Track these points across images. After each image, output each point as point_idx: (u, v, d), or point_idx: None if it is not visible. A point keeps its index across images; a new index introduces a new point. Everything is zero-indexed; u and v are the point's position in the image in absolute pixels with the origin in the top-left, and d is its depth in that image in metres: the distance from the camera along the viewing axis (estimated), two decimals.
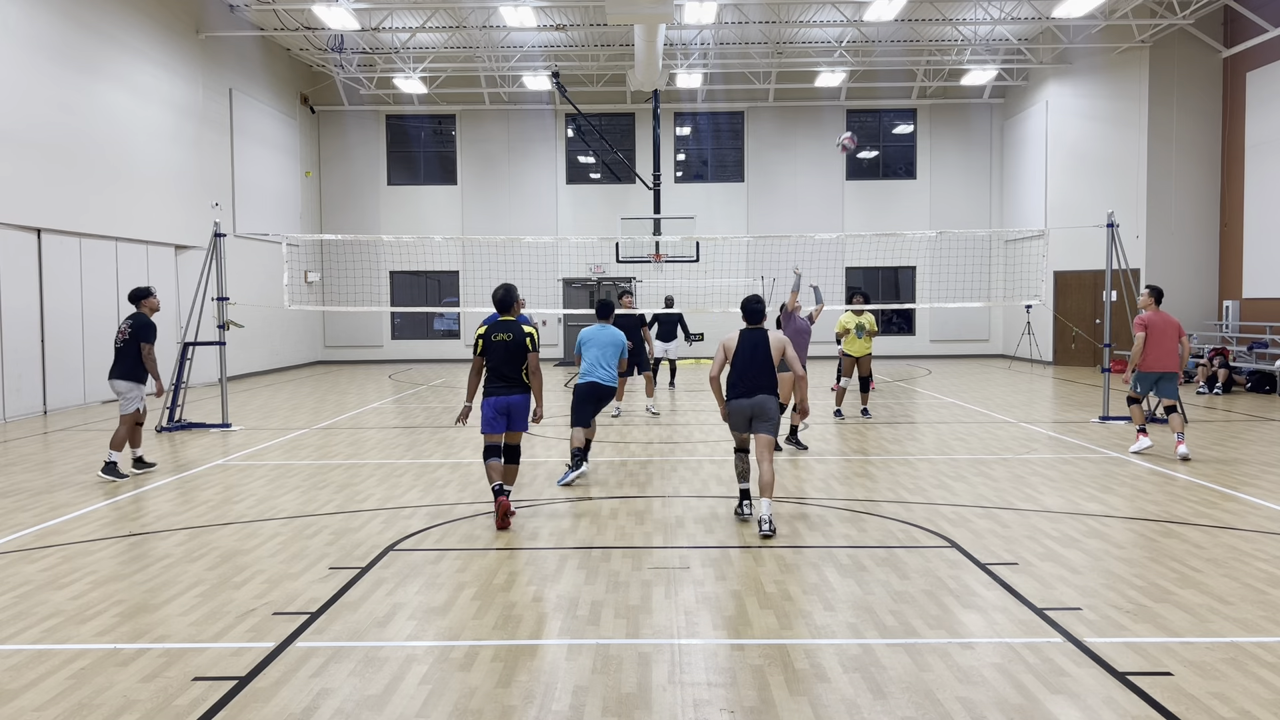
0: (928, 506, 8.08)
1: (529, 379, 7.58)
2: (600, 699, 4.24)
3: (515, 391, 7.52)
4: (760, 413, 7.38)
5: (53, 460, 10.87)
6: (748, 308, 7.69)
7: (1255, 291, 19.51)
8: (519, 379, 7.54)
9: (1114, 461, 10.22)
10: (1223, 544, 6.77)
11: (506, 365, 7.51)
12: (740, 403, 7.42)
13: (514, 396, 7.51)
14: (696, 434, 12.52)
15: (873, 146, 28.27)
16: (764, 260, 25.65)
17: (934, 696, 4.23)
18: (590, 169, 28.25)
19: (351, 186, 27.76)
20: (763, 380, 7.41)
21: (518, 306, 7.74)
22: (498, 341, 7.52)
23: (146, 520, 7.78)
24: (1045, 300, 15.07)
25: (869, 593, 5.70)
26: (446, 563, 6.44)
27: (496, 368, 7.52)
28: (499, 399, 7.48)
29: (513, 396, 7.50)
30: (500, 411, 7.50)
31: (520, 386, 7.55)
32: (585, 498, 8.54)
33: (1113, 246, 13.44)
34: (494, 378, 7.54)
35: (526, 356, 7.53)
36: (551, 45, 24.22)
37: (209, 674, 4.55)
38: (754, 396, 7.38)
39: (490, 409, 7.50)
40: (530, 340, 7.55)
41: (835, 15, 22.02)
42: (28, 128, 14.95)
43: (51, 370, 15.41)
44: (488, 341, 7.54)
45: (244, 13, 21.23)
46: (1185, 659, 4.64)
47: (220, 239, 13.56)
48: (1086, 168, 23.02)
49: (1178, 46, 20.85)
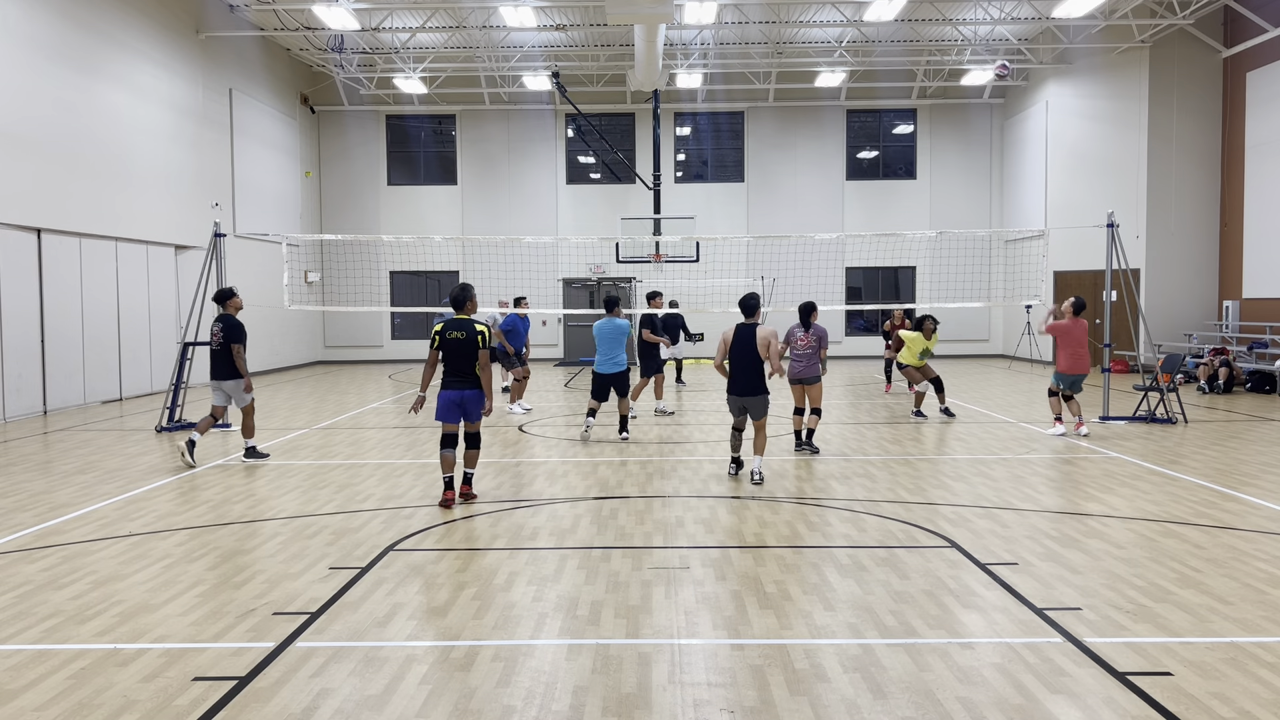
0: (928, 506, 8.08)
1: (480, 374, 8.12)
2: (600, 699, 4.24)
3: (469, 386, 8.11)
4: (752, 406, 9.15)
5: (53, 460, 10.87)
6: (743, 304, 9.19)
7: (1255, 291, 19.51)
8: (472, 374, 8.10)
9: (1114, 461, 10.22)
10: (1223, 544, 6.77)
11: (461, 361, 8.08)
12: (734, 398, 9.20)
13: (467, 391, 8.11)
14: (696, 434, 12.52)
15: (873, 146, 28.27)
16: (764, 260, 25.67)
17: (934, 696, 4.23)
18: (590, 169, 28.25)
19: (351, 186, 27.76)
20: (753, 382, 9.09)
21: (471, 306, 8.29)
22: (452, 339, 8.08)
23: (146, 520, 7.78)
24: (1045, 300, 15.06)
25: (869, 593, 5.70)
26: (446, 563, 6.44)
27: (452, 363, 8.10)
28: (454, 392, 8.10)
29: (466, 391, 8.10)
30: (455, 403, 8.11)
31: (473, 381, 8.12)
32: (585, 498, 8.54)
33: (1113, 246, 13.44)
34: (449, 372, 8.13)
35: (478, 353, 8.05)
36: (551, 45, 24.23)
37: (209, 674, 4.55)
38: (744, 396, 9.12)
39: (445, 401, 8.13)
40: (481, 338, 8.07)
41: (835, 15, 22.02)
42: (28, 128, 14.95)
43: (51, 370, 15.41)
44: (443, 339, 8.09)
45: (244, 13, 21.24)
46: (1185, 659, 4.64)
47: (220, 239, 13.56)
48: (1086, 168, 23.02)
49: (1178, 46, 20.84)
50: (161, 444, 11.95)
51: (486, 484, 9.18)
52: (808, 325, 11.17)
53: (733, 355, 9.11)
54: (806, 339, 11.14)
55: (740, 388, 9.09)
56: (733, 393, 9.15)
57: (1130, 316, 17.30)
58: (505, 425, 13.63)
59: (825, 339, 11.18)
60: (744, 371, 9.07)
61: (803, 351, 11.14)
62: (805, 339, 11.15)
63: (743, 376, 9.07)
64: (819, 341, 11.13)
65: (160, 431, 12.90)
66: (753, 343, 9.02)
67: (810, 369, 11.11)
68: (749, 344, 9.03)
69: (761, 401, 9.10)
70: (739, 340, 9.07)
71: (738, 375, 9.10)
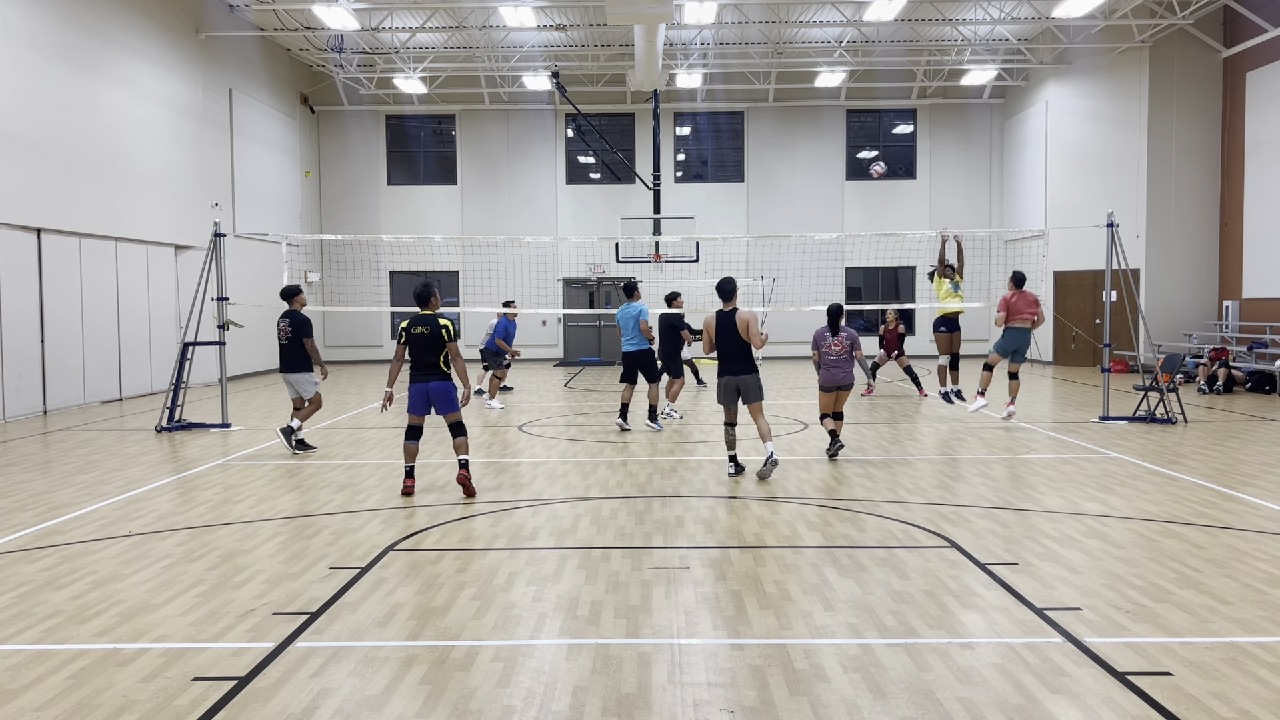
0: (928, 506, 8.08)
1: (450, 366, 8.62)
2: (600, 699, 4.24)
3: (434, 378, 8.56)
4: (745, 387, 9.22)
5: (53, 460, 10.87)
6: (722, 290, 9.31)
7: (1255, 291, 19.51)
8: (437, 367, 8.57)
9: (1114, 461, 10.22)
10: (1223, 544, 6.77)
11: (425, 355, 8.53)
12: (729, 379, 9.29)
13: (433, 383, 8.56)
14: (696, 434, 12.52)
15: (873, 146, 28.27)
16: (764, 260, 25.67)
17: (934, 696, 4.23)
18: (590, 169, 28.25)
19: (351, 186, 27.77)
20: (742, 364, 9.21)
21: (434, 303, 8.74)
22: (416, 334, 8.53)
23: (146, 520, 7.78)
24: (1045, 300, 15.04)
25: (869, 593, 5.70)
26: (446, 563, 6.44)
27: (417, 357, 8.54)
28: (420, 385, 8.57)
29: (431, 383, 8.55)
30: (422, 396, 8.56)
31: (439, 374, 8.58)
32: (585, 498, 8.54)
33: (1113, 246, 13.44)
34: (415, 366, 8.58)
35: (445, 346, 8.53)
36: (551, 45, 24.22)
37: (209, 674, 4.54)
38: (737, 376, 9.22)
39: (413, 393, 8.59)
40: (446, 331, 8.51)
41: (835, 15, 22.03)
42: (28, 128, 14.95)
43: (51, 370, 15.41)
44: (409, 334, 8.56)
45: (244, 13, 21.23)
46: (1185, 659, 4.64)
47: (220, 239, 13.55)
48: (1086, 168, 23.03)
49: (1178, 46, 20.85)
50: (162, 444, 11.95)
51: (486, 484, 9.19)
52: (836, 329, 10.55)
53: (719, 342, 9.30)
54: (840, 343, 10.53)
55: (733, 369, 9.26)
56: (725, 374, 9.30)
57: (1130, 316, 17.29)
58: (505, 425, 13.63)
59: (858, 342, 10.56)
60: (733, 355, 9.25)
61: (836, 357, 10.52)
62: (839, 343, 10.53)
63: (733, 359, 9.25)
64: (852, 345, 10.51)
65: (160, 431, 12.90)
66: (734, 327, 9.17)
67: (846, 375, 10.52)
68: (731, 329, 9.20)
69: (755, 381, 9.24)
70: (722, 327, 9.24)
71: (728, 358, 9.27)
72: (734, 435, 9.56)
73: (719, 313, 9.29)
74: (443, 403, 8.58)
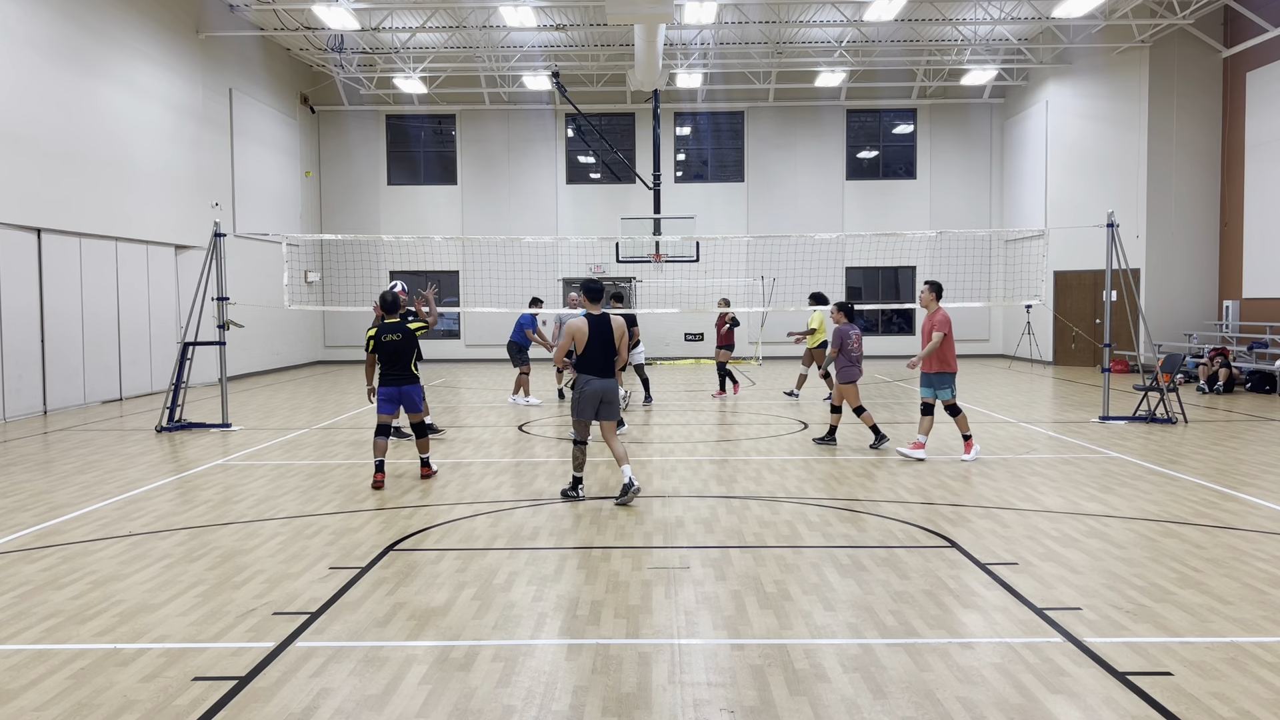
0: (928, 506, 8.08)
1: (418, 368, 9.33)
2: (600, 699, 4.24)
3: (405, 382, 9.13)
4: (609, 397, 8.32)
5: (53, 460, 10.87)
6: (589, 290, 8.36)
7: (1255, 291, 19.50)
8: (409, 370, 9.13)
9: (1114, 461, 10.22)
10: (1223, 544, 6.77)
11: (397, 359, 9.06)
12: (594, 385, 8.24)
13: (405, 386, 9.12)
14: (696, 434, 12.52)
15: (873, 146, 28.28)
16: (764, 260, 25.67)
17: (934, 696, 4.23)
18: (590, 169, 28.24)
19: (351, 186, 27.76)
20: (609, 373, 8.35)
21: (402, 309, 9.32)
22: (388, 341, 9.06)
23: (146, 520, 7.78)
24: (1045, 300, 15.05)
25: (869, 593, 5.70)
26: (446, 563, 6.43)
27: (390, 363, 9.06)
28: (392, 389, 9.07)
29: (403, 386, 9.11)
30: (393, 398, 9.07)
31: (410, 377, 9.14)
32: (585, 497, 8.53)
33: (1113, 246, 13.44)
34: (387, 370, 9.07)
35: (416, 349, 9.18)
36: (551, 45, 24.22)
37: (209, 674, 4.54)
38: (606, 379, 8.29)
39: (384, 395, 9.07)
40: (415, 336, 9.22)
41: (835, 15, 22.02)
42: (28, 127, 14.95)
43: (51, 370, 15.40)
44: (379, 342, 9.06)
45: (244, 13, 21.23)
46: (1185, 659, 4.64)
47: (220, 239, 13.55)
48: (1086, 168, 23.02)
49: (1178, 46, 20.84)
50: (162, 444, 11.95)
51: (486, 483, 9.19)
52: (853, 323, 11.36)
53: (589, 349, 8.21)
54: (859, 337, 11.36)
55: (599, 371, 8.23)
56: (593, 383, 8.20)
57: (1130, 316, 17.29)
58: (505, 425, 13.63)
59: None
60: (604, 364, 8.26)
61: (861, 354, 11.38)
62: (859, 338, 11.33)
63: (603, 368, 8.25)
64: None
65: (160, 431, 12.89)
66: (610, 332, 8.25)
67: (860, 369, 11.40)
68: (606, 334, 8.25)
69: (615, 395, 8.36)
70: (596, 334, 8.20)
71: (593, 362, 8.21)
72: (585, 455, 8.41)
73: (592, 318, 8.24)
74: (410, 403, 9.16)
